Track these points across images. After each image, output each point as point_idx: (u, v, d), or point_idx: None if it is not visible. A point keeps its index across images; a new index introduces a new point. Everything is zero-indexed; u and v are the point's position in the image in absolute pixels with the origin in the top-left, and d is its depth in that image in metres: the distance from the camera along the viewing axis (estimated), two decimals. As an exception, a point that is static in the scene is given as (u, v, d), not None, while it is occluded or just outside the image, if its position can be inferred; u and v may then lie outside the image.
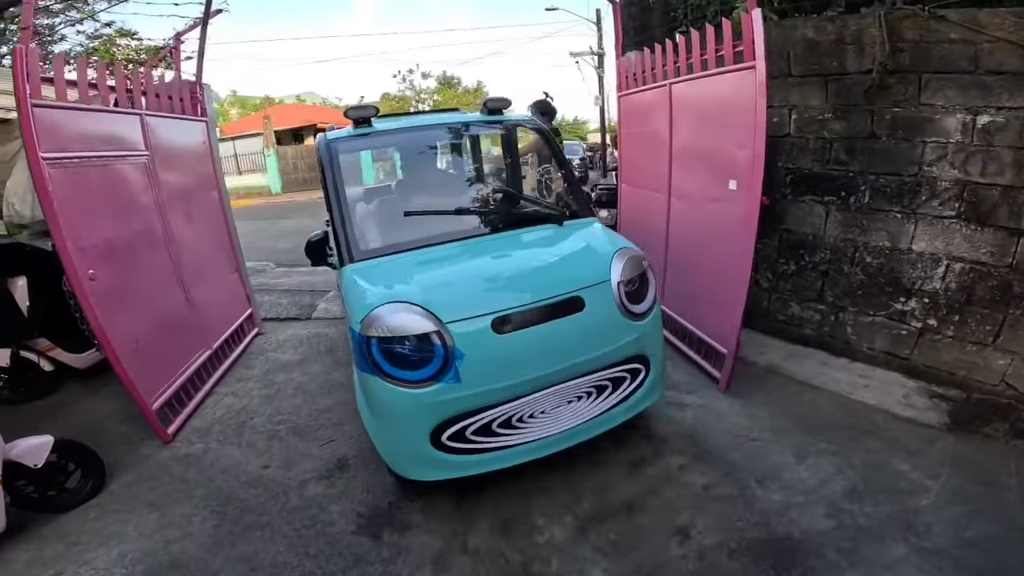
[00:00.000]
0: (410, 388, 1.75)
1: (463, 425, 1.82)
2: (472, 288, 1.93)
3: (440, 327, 1.75)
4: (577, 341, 1.90)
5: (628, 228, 4.17)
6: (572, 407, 1.97)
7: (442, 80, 24.22)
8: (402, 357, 1.75)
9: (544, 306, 1.84)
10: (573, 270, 2.04)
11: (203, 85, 3.56)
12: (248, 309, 4.03)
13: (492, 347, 1.77)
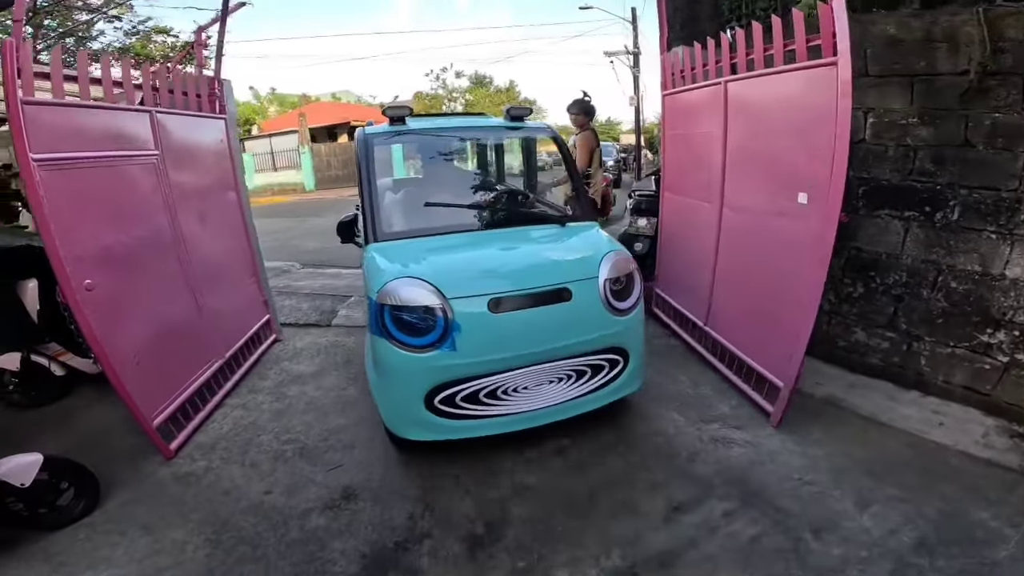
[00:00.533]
0: (412, 352, 2.00)
1: (454, 391, 2.07)
2: (475, 272, 2.19)
3: (443, 302, 2.00)
4: (561, 327, 2.13)
5: (670, 240, 3.82)
6: (553, 387, 2.20)
7: (474, 79, 24.10)
8: (408, 324, 2.00)
9: (535, 293, 2.09)
10: (565, 265, 2.28)
11: (222, 81, 3.39)
12: (265, 315, 3.87)
13: (486, 323, 2.02)
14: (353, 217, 2.67)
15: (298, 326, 4.35)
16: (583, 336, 2.19)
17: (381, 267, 2.21)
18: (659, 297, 4.05)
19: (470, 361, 2.04)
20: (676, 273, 3.79)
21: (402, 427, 2.21)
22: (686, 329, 3.59)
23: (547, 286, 2.12)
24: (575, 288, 2.15)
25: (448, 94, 22.95)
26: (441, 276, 2.09)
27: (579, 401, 2.28)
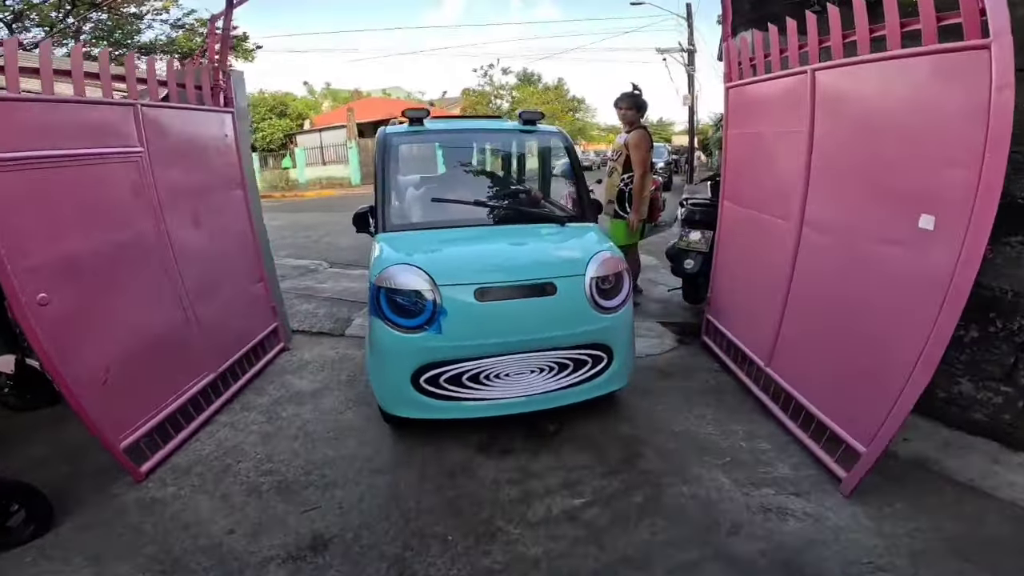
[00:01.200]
0: (402, 332, 2.14)
1: (439, 372, 2.18)
2: (467, 263, 2.32)
3: (433, 287, 2.12)
4: (545, 319, 2.22)
5: (729, 260, 3.25)
6: (535, 377, 2.27)
7: (522, 77, 23.63)
8: (400, 306, 2.14)
9: (520, 285, 2.20)
10: (554, 261, 2.40)
11: (228, 73, 3.11)
12: (273, 323, 3.60)
13: (471, 310, 2.13)
14: (368, 209, 2.78)
15: (310, 334, 4.07)
16: (566, 330, 2.26)
17: (383, 254, 2.36)
18: (711, 325, 3.49)
19: (454, 344, 2.16)
20: (734, 300, 3.22)
21: (392, 404, 2.35)
22: (743, 367, 3.03)
23: (532, 280, 2.23)
24: (560, 283, 2.23)
25: (495, 91, 22.59)
26: (434, 264, 2.23)
27: (561, 393, 2.34)
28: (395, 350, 2.20)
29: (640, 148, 3.81)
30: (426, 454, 2.46)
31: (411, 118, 2.89)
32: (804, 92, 2.31)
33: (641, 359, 3.30)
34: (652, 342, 3.67)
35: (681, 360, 3.50)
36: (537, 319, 2.22)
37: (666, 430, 2.64)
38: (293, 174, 21.90)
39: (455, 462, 2.40)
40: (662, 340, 3.71)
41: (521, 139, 3.44)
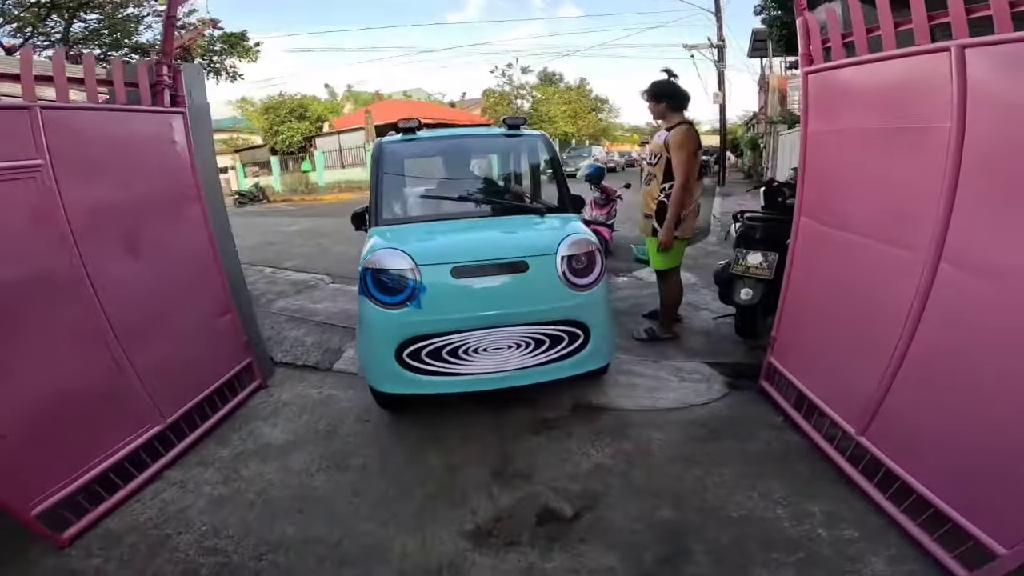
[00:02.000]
0: (386, 309, 2.32)
1: (421, 346, 2.33)
2: (446, 245, 2.57)
3: (414, 267, 2.31)
4: (517, 295, 2.38)
5: (804, 292, 2.56)
6: (513, 352, 2.40)
7: (542, 77, 22.86)
8: (385, 285, 2.33)
9: (493, 263, 2.38)
10: (527, 242, 2.58)
11: (178, 67, 2.55)
12: (246, 359, 3.05)
13: (448, 286, 2.32)
14: (364, 209, 2.96)
15: (294, 367, 3.52)
16: (539, 305, 2.39)
17: (373, 243, 2.54)
18: (774, 370, 2.79)
19: (433, 318, 2.30)
20: (810, 343, 2.52)
21: (378, 379, 2.49)
22: (819, 427, 2.35)
23: (505, 258, 2.38)
24: (532, 261, 2.37)
25: (515, 91, 21.92)
26: (416, 247, 2.41)
27: (540, 369, 2.43)
28: (380, 326, 2.36)
29: (683, 149, 3.09)
30: (409, 546, 1.91)
31: (402, 129, 3.12)
32: (943, 76, 1.62)
33: (683, 411, 2.75)
34: (697, 388, 2.98)
35: (734, 412, 2.81)
36: (510, 295, 2.36)
37: (721, 515, 2.00)
38: (313, 177, 21.71)
39: (443, 556, 1.86)
40: (709, 385, 3.02)
41: (506, 143, 3.56)
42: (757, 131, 20.50)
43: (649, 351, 3.40)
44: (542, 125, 21.27)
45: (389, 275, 2.32)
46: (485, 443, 2.54)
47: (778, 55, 16.23)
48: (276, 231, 10.57)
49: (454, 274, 2.31)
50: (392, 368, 2.34)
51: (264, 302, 4.89)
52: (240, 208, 18.60)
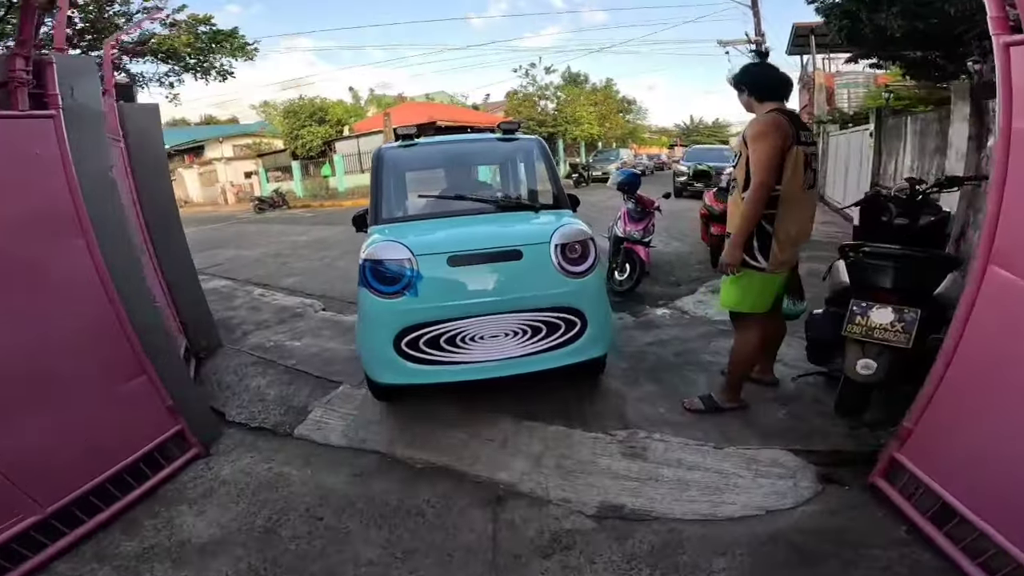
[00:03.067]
0: (384, 298, 2.35)
1: (418, 335, 2.33)
2: (443, 237, 2.58)
3: (411, 256, 2.35)
4: (512, 282, 2.40)
5: (986, 378, 1.67)
6: (509, 340, 2.40)
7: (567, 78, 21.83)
8: (383, 275, 2.37)
9: (488, 251, 2.42)
10: (521, 233, 2.63)
11: (46, 60, 1.84)
12: (174, 427, 2.34)
13: (445, 274, 2.36)
14: (365, 212, 3.03)
15: (247, 429, 2.79)
16: (534, 292, 2.41)
17: (372, 239, 2.61)
18: (903, 469, 1.90)
19: (430, 306, 2.34)
20: (982, 446, 1.65)
21: (377, 370, 2.51)
22: (972, 551, 1.46)
23: (499, 247, 2.44)
24: (526, 250, 2.42)
25: (539, 91, 21.04)
26: (414, 240, 2.46)
27: (537, 358, 2.43)
28: (378, 315, 2.41)
29: (762, 140, 2.17)
30: None
31: (402, 136, 3.23)
32: None
33: (759, 521, 1.93)
34: (777, 487, 2.10)
35: (834, 521, 1.94)
36: (505, 282, 2.40)
37: None
38: (333, 182, 21.37)
39: None
40: (795, 482, 2.13)
41: (502, 147, 3.62)
42: (799, 131, 19.14)
43: (708, 429, 2.50)
44: (568, 127, 20.39)
45: (387, 266, 2.38)
46: (471, 573, 1.76)
47: (821, 52, 15.03)
48: (285, 241, 10.03)
49: (450, 263, 2.37)
50: (391, 358, 2.37)
51: (239, 335, 4.21)
52: (260, 215, 18.35)
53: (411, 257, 2.34)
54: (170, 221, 3.34)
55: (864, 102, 11.47)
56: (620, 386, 2.96)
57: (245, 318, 4.64)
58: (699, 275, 5.44)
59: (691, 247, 6.55)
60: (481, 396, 2.81)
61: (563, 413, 2.68)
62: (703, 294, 4.47)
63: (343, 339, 3.92)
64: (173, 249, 3.41)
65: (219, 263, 8.26)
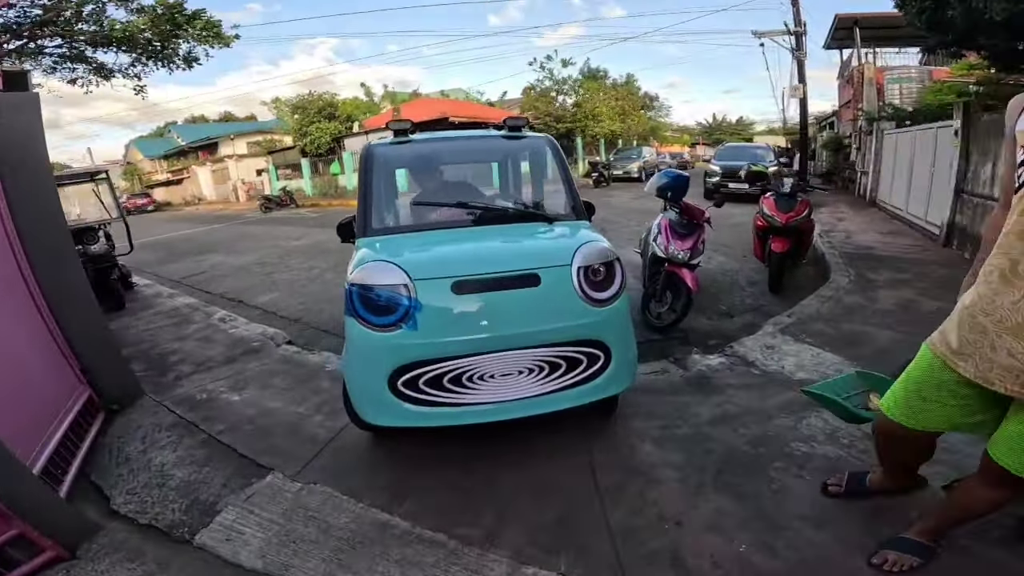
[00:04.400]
0: (377, 331, 1.95)
1: (417, 373, 1.95)
2: (445, 257, 2.16)
3: (409, 282, 1.95)
4: (529, 313, 2.00)
5: None
6: (524, 378, 2.02)
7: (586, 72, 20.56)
8: (374, 304, 1.97)
9: (501, 276, 1.99)
10: (537, 252, 2.22)
11: None
12: (8, 531, 1.45)
13: (449, 304, 1.95)
14: (351, 219, 2.60)
15: (134, 526, 1.95)
16: (554, 324, 2.02)
17: (361, 255, 2.20)
18: None
19: (431, 341, 1.95)
20: None
21: (368, 411, 2.10)
22: None
23: (513, 271, 2.02)
24: (544, 274, 2.02)
25: (557, 85, 19.87)
26: (411, 260, 2.07)
27: (554, 397, 2.05)
28: (370, 350, 2.00)
29: None
30: None
31: (395, 131, 2.77)
32: None
33: None
34: None
35: None
36: (520, 312, 2.00)
37: None
38: (343, 180, 20.63)
39: None
40: None
41: (508, 145, 3.18)
42: (838, 130, 17.84)
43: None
44: (587, 123, 19.26)
45: (378, 292, 1.98)
46: None
47: (866, 45, 13.76)
48: (277, 247, 9.23)
49: (455, 290, 1.97)
50: (385, 399, 1.98)
51: (170, 380, 3.34)
52: (266, 214, 17.69)
53: (408, 283, 1.95)
54: (58, 243, 2.49)
55: (924, 97, 10.23)
56: (675, 498, 1.98)
57: (189, 354, 3.77)
58: (754, 302, 4.41)
59: (738, 263, 5.51)
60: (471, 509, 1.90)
61: (583, 554, 1.73)
62: (771, 335, 3.44)
63: (294, 394, 3.01)
64: (66, 279, 2.55)
65: (201, 271, 7.48)
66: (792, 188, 4.41)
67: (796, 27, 14.23)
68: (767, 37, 15.10)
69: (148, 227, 17.10)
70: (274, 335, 4.01)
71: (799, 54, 14.17)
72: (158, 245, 11.46)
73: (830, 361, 3.08)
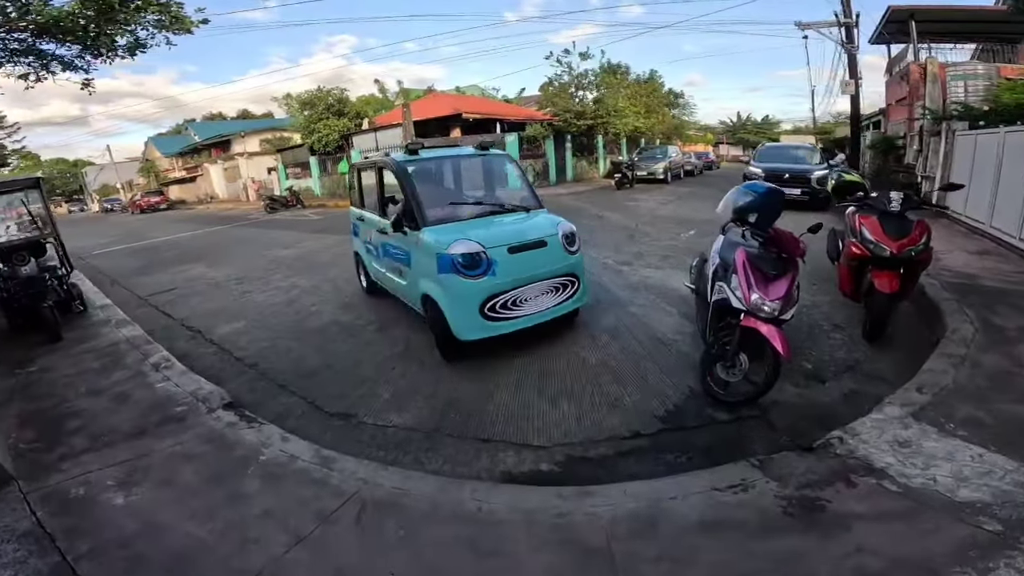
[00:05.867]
0: (472, 280, 3.34)
1: (494, 302, 3.41)
2: (497, 235, 3.57)
3: (484, 250, 3.37)
4: (543, 261, 3.60)
5: None
6: (543, 297, 3.62)
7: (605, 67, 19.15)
8: (467, 265, 3.33)
9: (530, 242, 3.57)
10: (540, 228, 3.75)
11: None
12: None
13: (507, 259, 3.43)
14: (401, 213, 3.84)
15: None
16: (554, 266, 3.65)
17: (436, 239, 3.50)
18: None
19: (504, 280, 3.42)
20: None
21: (465, 331, 3.41)
22: None
23: (536, 239, 3.61)
24: (548, 240, 3.64)
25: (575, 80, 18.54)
26: (479, 236, 3.47)
27: (559, 307, 3.70)
28: (469, 292, 3.36)
29: None
30: None
31: (410, 150, 4.16)
32: None
33: None
34: None
35: None
36: (540, 261, 3.58)
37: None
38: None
39: None
40: None
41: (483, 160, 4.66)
42: (885, 129, 16.38)
43: None
44: (609, 119, 17.98)
45: (468, 257, 3.33)
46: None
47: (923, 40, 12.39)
48: (264, 256, 8.34)
49: (509, 251, 3.46)
50: (477, 320, 3.38)
51: (54, 459, 2.43)
52: (270, 215, 16.93)
53: (484, 251, 3.37)
54: None
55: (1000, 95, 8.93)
56: None
57: (93, 419, 2.85)
58: (847, 356, 3.31)
59: (811, 295, 4.39)
60: None
61: None
62: (900, 421, 2.36)
63: (201, 502, 2.06)
64: None
65: (173, 287, 6.62)
66: (901, 204, 3.29)
67: (846, 18, 12.94)
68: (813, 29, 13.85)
69: (149, 229, 16.48)
70: (209, 395, 3.06)
71: (850, 47, 12.88)
72: (145, 251, 10.72)
73: (1003, 469, 2.01)
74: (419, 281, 3.66)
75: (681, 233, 7.57)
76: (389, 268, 4.30)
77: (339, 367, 3.65)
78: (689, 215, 9.55)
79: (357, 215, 5.00)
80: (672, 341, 3.75)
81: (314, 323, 4.62)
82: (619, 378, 3.24)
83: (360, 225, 4.97)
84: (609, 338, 3.86)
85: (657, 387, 3.09)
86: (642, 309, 4.40)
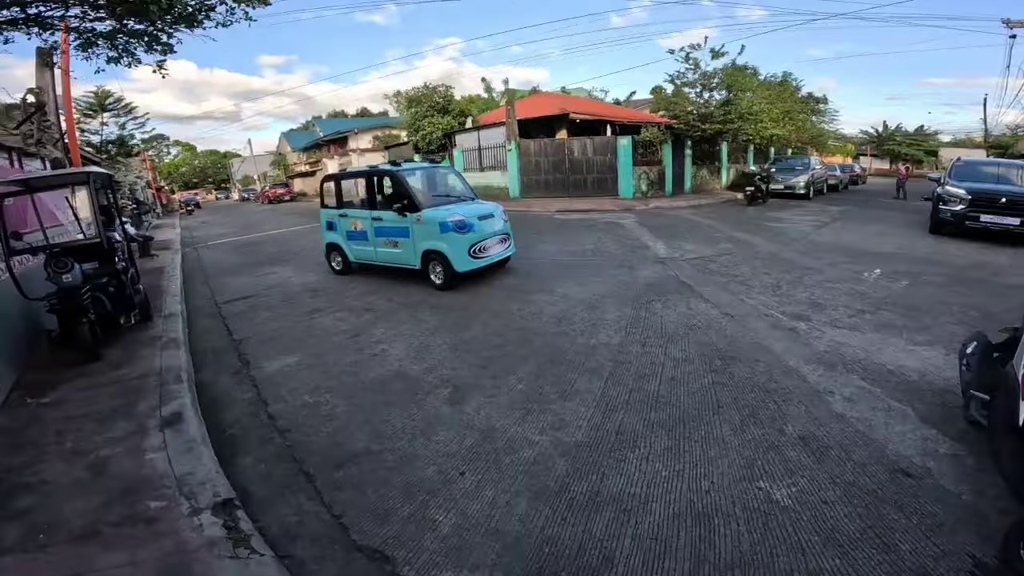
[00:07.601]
0: (462, 235, 5.71)
1: (474, 247, 5.83)
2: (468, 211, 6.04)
3: (465, 218, 5.81)
4: (494, 224, 6.26)
5: None
6: (497, 245, 6.24)
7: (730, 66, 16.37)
8: (459, 227, 5.69)
9: (486, 214, 6.19)
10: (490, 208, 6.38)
11: None
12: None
13: (478, 223, 5.94)
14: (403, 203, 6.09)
15: None
16: (499, 227, 6.30)
17: (436, 213, 5.82)
18: None
19: (478, 235, 5.85)
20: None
21: (461, 265, 5.67)
22: None
23: (489, 212, 6.22)
24: (494, 212, 6.33)
25: (704, 79, 16.10)
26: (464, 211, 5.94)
27: (503, 251, 6.33)
28: (462, 242, 5.65)
29: None
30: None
31: (393, 164, 6.81)
32: None
33: None
34: None
35: None
36: (493, 224, 6.18)
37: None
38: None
39: None
40: None
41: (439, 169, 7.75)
42: None
43: None
44: (740, 124, 15.45)
45: (461, 223, 5.63)
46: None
47: None
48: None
49: (479, 219, 5.90)
50: (467, 259, 5.69)
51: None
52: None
53: (467, 219, 5.73)
54: None
55: None
56: None
57: (44, 501, 2.04)
58: None
59: None
60: None
61: None
62: None
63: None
64: None
65: (250, 294, 6.16)
66: None
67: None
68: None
69: (265, 221, 17.21)
70: (201, 484, 2.13)
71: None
72: (249, 247, 10.84)
73: None
74: (420, 243, 5.86)
75: (864, 272, 5.63)
76: (383, 244, 6.34)
77: (389, 457, 2.56)
78: (859, 244, 7.42)
79: (336, 213, 6.86)
80: (921, 470, 2.21)
81: (374, 371, 3.59)
82: (845, 551, 1.80)
83: (340, 221, 6.82)
84: (812, 460, 2.37)
85: (914, 560, 1.69)
86: (851, 407, 2.81)
